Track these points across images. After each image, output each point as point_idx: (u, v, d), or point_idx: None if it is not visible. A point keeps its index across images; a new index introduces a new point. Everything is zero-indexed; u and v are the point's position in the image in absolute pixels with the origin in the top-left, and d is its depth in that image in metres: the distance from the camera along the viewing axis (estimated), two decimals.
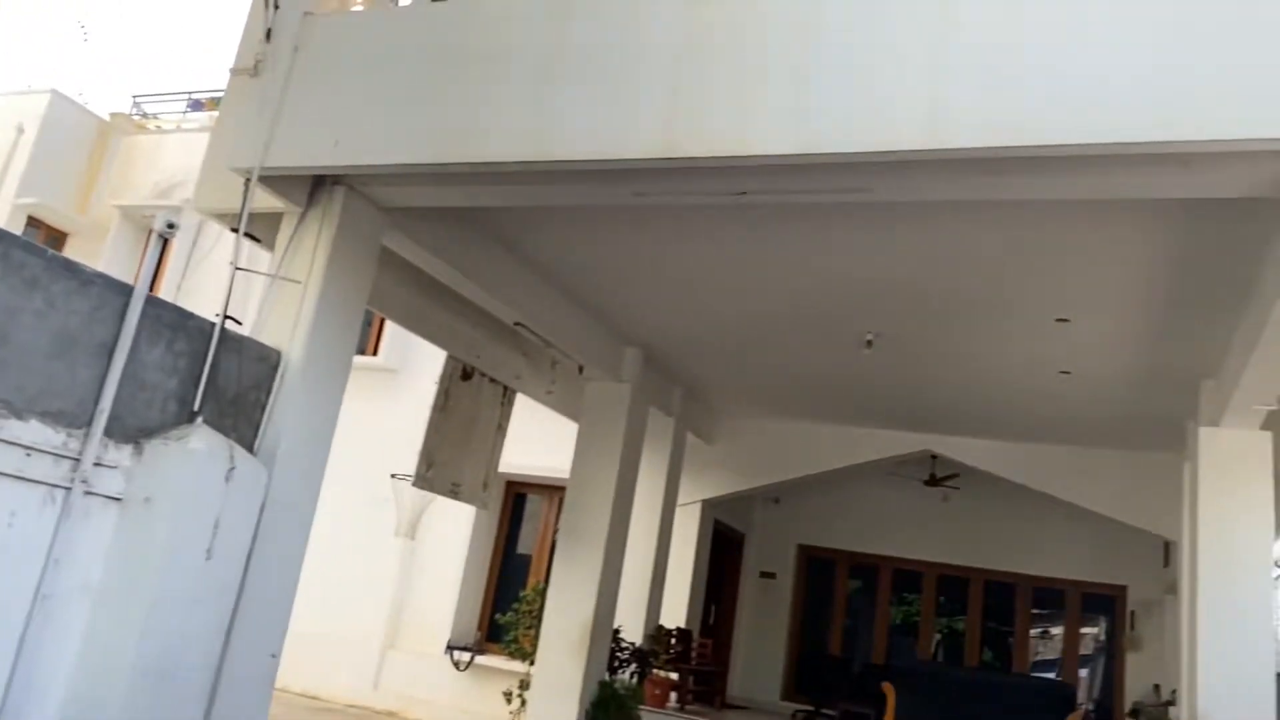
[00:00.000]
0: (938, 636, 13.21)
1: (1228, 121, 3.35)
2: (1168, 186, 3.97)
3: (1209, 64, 3.40)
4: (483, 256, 6.59)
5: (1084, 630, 12.52)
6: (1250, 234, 4.95)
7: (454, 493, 8.23)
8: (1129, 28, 3.52)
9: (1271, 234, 4.82)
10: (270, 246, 5.33)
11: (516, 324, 7.46)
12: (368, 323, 11.85)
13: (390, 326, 12.03)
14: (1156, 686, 10.25)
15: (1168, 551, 10.41)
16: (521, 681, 8.98)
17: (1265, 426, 6.77)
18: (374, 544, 11.63)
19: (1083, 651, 12.39)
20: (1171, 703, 8.97)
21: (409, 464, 8.14)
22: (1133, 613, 11.40)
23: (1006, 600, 12.66)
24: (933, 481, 11.66)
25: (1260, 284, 5.26)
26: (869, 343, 7.56)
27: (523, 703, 8.64)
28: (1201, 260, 5.52)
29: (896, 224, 5.60)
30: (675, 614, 10.55)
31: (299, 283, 4.91)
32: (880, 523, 12.78)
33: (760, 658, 12.89)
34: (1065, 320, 6.69)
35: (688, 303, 7.61)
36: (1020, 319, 6.89)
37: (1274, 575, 7.09)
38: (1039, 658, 12.71)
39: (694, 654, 10.56)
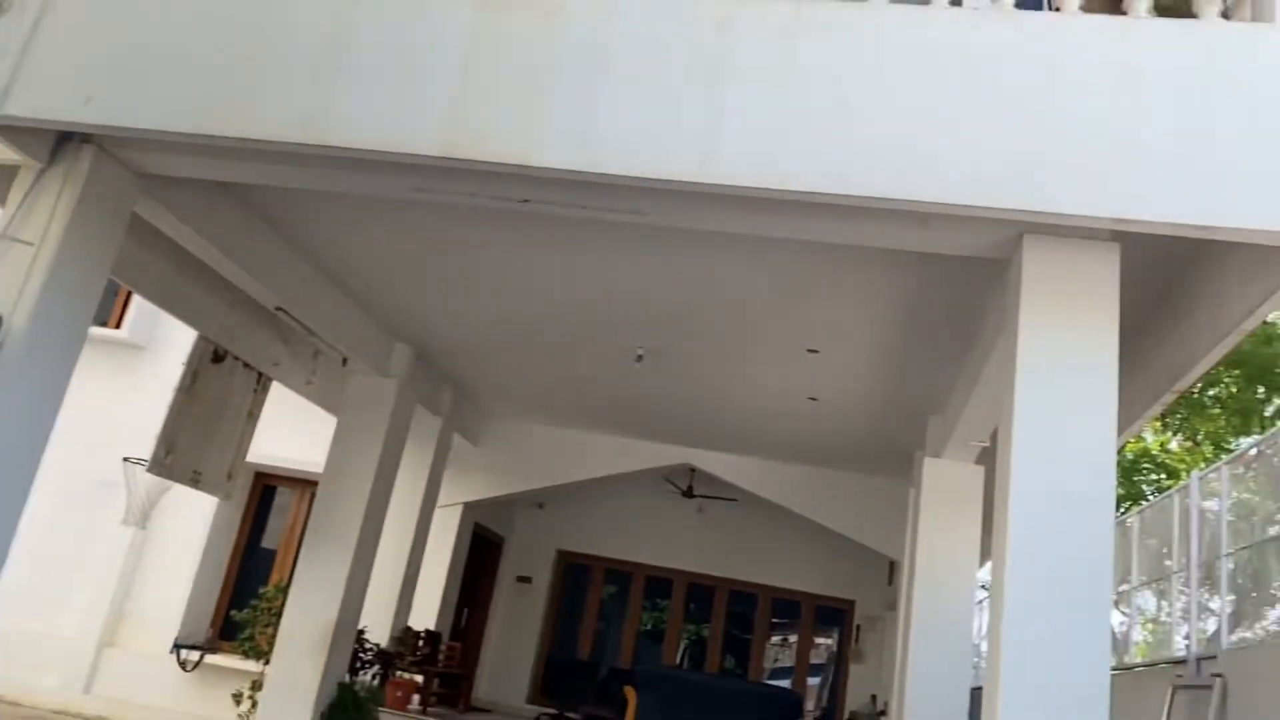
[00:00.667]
0: (685, 643, 13.74)
1: (959, 190, 3.74)
2: (908, 240, 4.38)
3: (949, 139, 3.78)
4: (246, 235, 6.23)
5: (820, 641, 13.41)
6: (975, 290, 5.51)
7: (194, 481, 7.70)
8: (885, 100, 3.87)
9: (991, 291, 5.39)
10: (1, 202, 4.82)
11: (277, 309, 7.11)
12: (113, 293, 10.89)
13: (139, 299, 11.11)
14: (874, 697, 11.16)
15: (892, 570, 11.36)
16: (254, 682, 8.52)
17: (979, 461, 7.54)
18: (97, 532, 10.66)
19: (816, 661, 13.28)
20: (884, 712, 9.79)
21: (148, 448, 7.54)
22: (858, 626, 12.36)
23: (749, 609, 13.37)
24: (690, 493, 12.14)
25: (980, 335, 5.86)
26: (639, 357, 7.78)
27: (253, 704, 8.20)
28: (934, 308, 6.09)
29: (670, 248, 5.81)
30: (426, 616, 10.38)
31: (31, 245, 4.47)
32: (638, 531, 13.16)
33: (510, 661, 12.91)
34: (815, 351, 7.18)
35: (464, 303, 7.54)
36: (776, 347, 7.32)
37: (977, 598, 7.90)
38: (777, 665, 13.49)
39: (441, 656, 10.43)
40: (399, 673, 9.15)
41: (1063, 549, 3.60)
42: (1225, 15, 4.09)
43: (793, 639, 13.53)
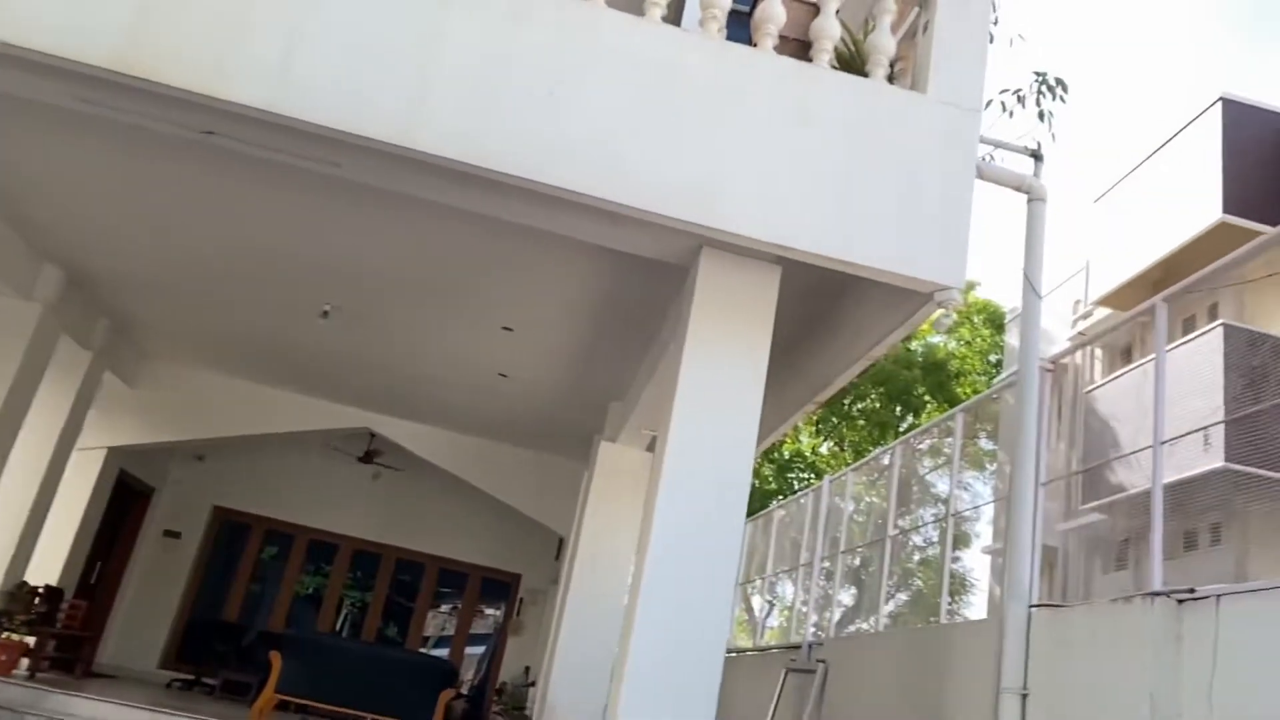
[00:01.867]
0: (346, 610, 13.39)
1: (647, 196, 3.98)
2: (601, 236, 4.59)
3: (644, 147, 4.01)
4: None
5: (488, 612, 13.58)
6: (662, 290, 5.85)
7: None
8: (591, 100, 4.03)
9: (673, 294, 5.75)
10: None
11: None
12: None
13: None
14: (527, 669, 11.50)
15: (561, 547, 11.77)
16: None
17: (650, 449, 8.00)
18: None
19: (482, 631, 13.44)
20: (534, 683, 10.13)
21: None
22: (521, 599, 12.67)
23: (416, 578, 13.29)
24: (367, 458, 11.84)
25: (660, 332, 6.24)
26: (325, 314, 7.49)
27: None
28: (625, 302, 6.39)
29: (373, 207, 5.65)
30: (49, 570, 9.36)
31: None
32: (307, 493, 12.64)
33: (145, 623, 11.92)
34: (510, 329, 7.28)
35: (130, 230, 6.87)
36: (472, 320, 7.34)
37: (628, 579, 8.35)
38: (443, 634, 13.51)
39: (62, 615, 9.44)
40: (6, 633, 8.17)
41: (699, 536, 3.95)
42: (891, 80, 4.66)
43: (458, 609, 13.63)
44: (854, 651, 7.03)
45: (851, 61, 4.94)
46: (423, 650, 12.94)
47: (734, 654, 10.54)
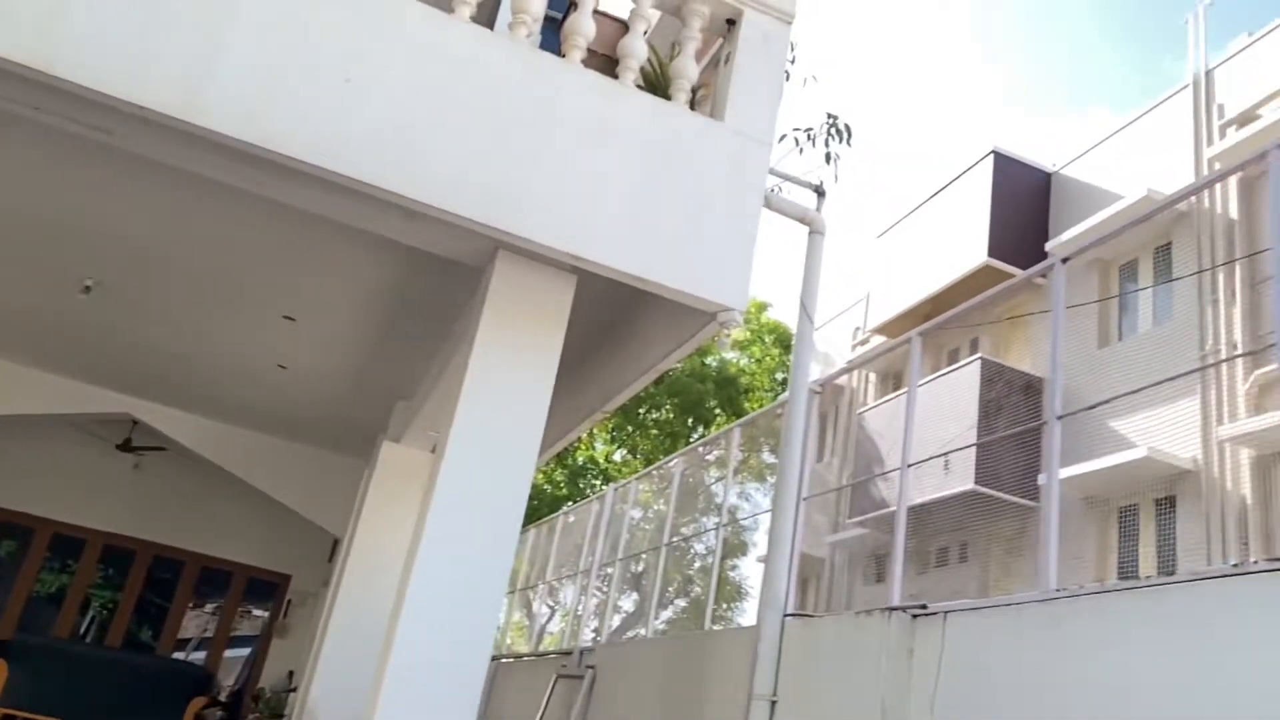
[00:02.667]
0: (94, 610, 12.33)
1: (442, 194, 3.92)
2: (395, 230, 4.48)
3: (443, 144, 3.95)
4: None
5: (256, 613, 12.85)
6: (455, 290, 5.78)
7: None
8: (391, 91, 3.93)
9: (468, 295, 5.69)
10: None
11: None
12: None
13: None
14: (290, 673, 10.99)
15: (335, 548, 11.34)
16: None
17: (434, 450, 7.86)
18: None
19: (248, 634, 12.71)
20: (294, 689, 9.70)
21: None
22: (289, 601, 12.10)
23: (175, 577, 12.42)
24: (127, 447, 10.98)
25: (452, 334, 6.15)
26: (87, 289, 6.91)
27: None
28: (418, 300, 6.26)
29: (150, 180, 5.26)
30: None
31: None
32: (53, 482, 11.55)
33: None
34: (292, 319, 6.96)
35: None
36: (252, 307, 6.97)
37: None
38: (205, 636, 12.68)
39: None
40: None
41: (472, 542, 3.92)
42: (691, 105, 4.82)
43: (225, 610, 12.85)
44: (624, 658, 7.18)
45: (656, 83, 5.09)
46: (176, 655, 12.10)
47: (510, 659, 10.52)
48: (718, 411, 23.00)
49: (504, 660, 10.91)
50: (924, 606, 3.67)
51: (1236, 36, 12.85)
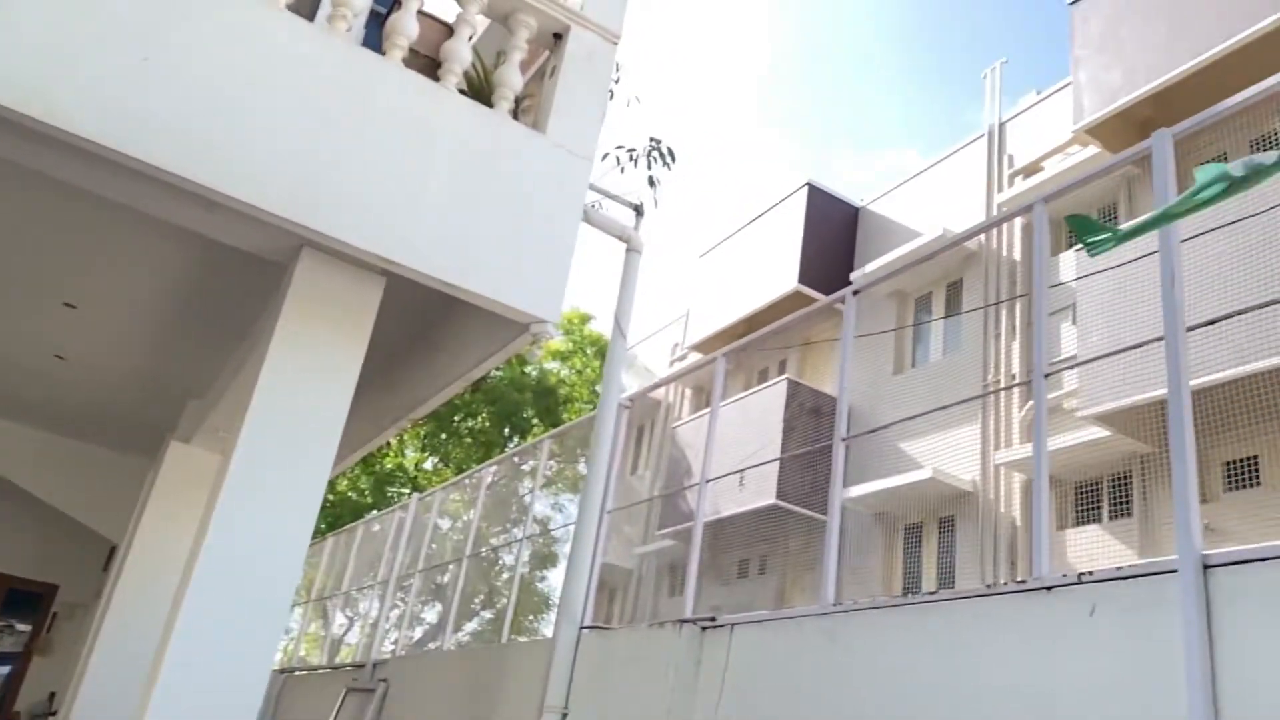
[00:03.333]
0: None
1: (245, 186, 3.74)
2: (192, 220, 4.24)
3: (250, 136, 3.77)
4: None
5: (20, 628, 11.70)
6: (257, 286, 5.51)
7: None
8: (196, 74, 3.72)
9: (272, 291, 5.44)
10: None
11: None
12: None
13: None
14: (52, 695, 10.09)
15: (111, 556, 10.53)
16: None
17: (215, 449, 7.45)
18: None
19: (5, 650, 11.54)
20: (54, 712, 8.92)
21: None
22: (55, 614, 11.12)
23: None
24: None
25: (254, 331, 5.86)
26: None
27: None
28: (217, 294, 5.93)
29: None
30: None
31: None
32: None
33: None
34: (73, 306, 6.45)
35: None
36: (26, 290, 6.40)
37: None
38: None
39: None
40: None
41: (257, 550, 3.74)
42: (515, 115, 4.81)
43: None
44: (419, 670, 7.01)
45: (480, 90, 5.05)
46: None
47: (302, 672, 10.08)
48: (535, 421, 22.94)
49: (296, 673, 10.44)
50: (713, 619, 3.79)
51: (1027, 94, 14.04)
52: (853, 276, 14.98)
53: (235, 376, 5.90)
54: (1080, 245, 3.48)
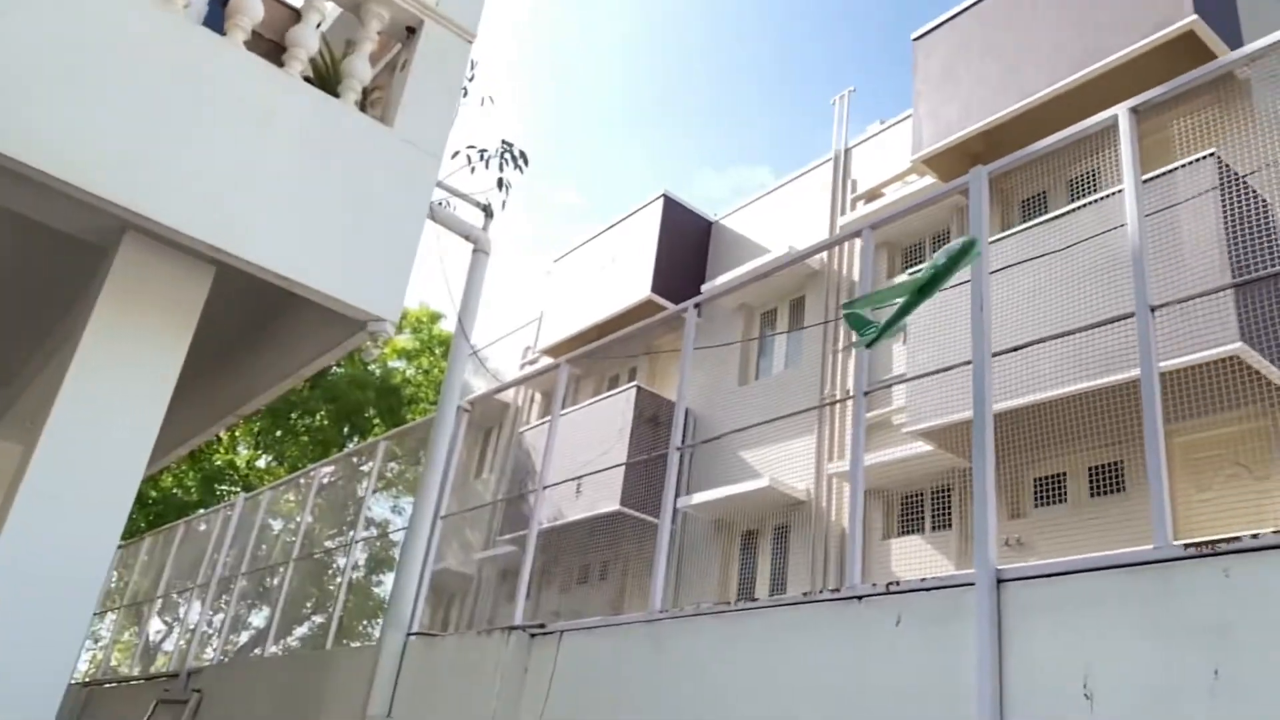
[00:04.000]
0: None
1: (58, 161, 3.51)
2: (3, 197, 3.93)
3: (69, 112, 3.54)
4: None
5: None
6: (79, 270, 5.16)
7: None
8: (9, 40, 3.45)
9: (95, 274, 5.11)
10: None
11: None
12: None
13: None
14: None
15: None
16: None
17: (20, 441, 6.92)
18: None
19: None
20: None
21: None
22: None
23: None
24: None
25: (70, 317, 5.48)
26: None
27: None
28: (32, 276, 5.51)
29: None
30: None
31: None
32: None
33: None
34: None
35: None
36: None
37: None
38: None
39: None
40: None
41: (59, 551, 3.50)
42: (363, 108, 4.69)
43: None
44: (237, 679, 6.71)
45: (327, 79, 4.89)
46: None
47: (112, 684, 9.46)
48: (376, 421, 22.34)
49: (104, 686, 9.78)
50: (542, 626, 3.79)
51: (873, 122, 14.70)
52: (704, 288, 15.29)
53: (47, 364, 5.49)
54: (865, 314, 3.69)
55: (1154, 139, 6.83)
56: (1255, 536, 2.53)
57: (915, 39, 12.52)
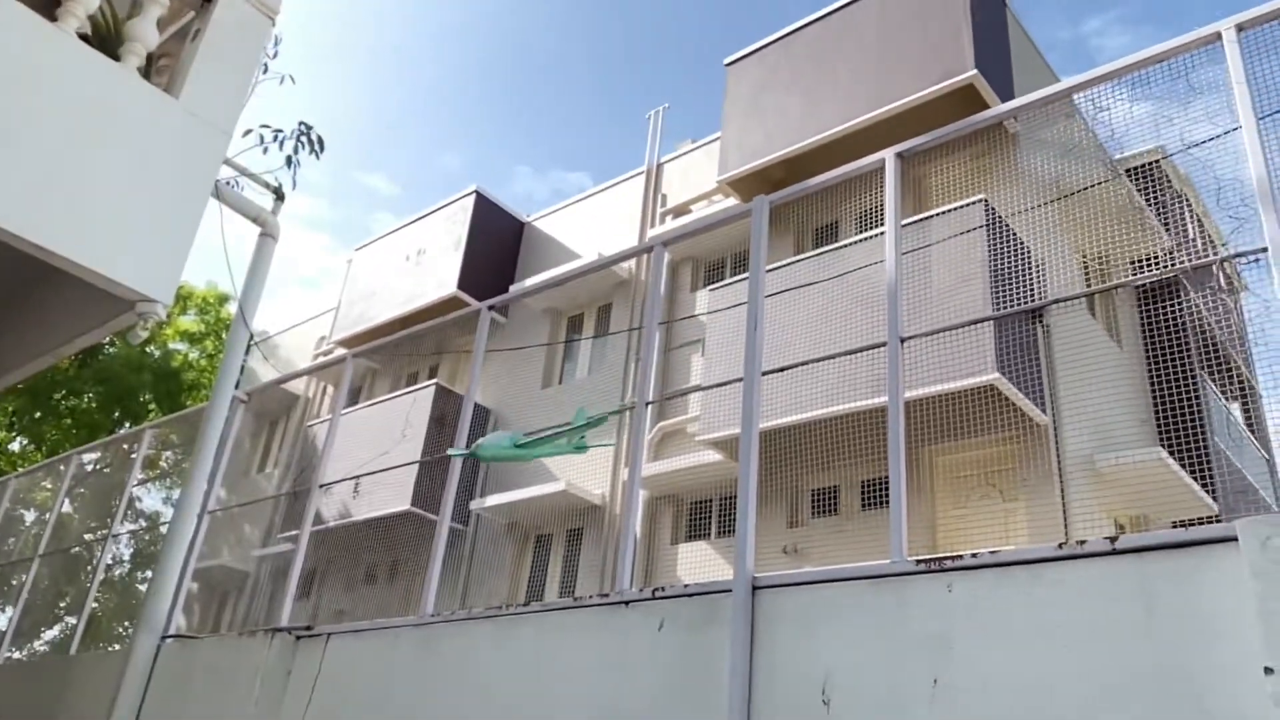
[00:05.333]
0: None
1: None
2: None
3: None
4: None
5: None
6: None
7: None
8: None
9: None
10: None
11: None
12: None
13: None
14: None
15: None
16: None
17: None
18: None
19: None
20: None
21: None
22: None
23: None
24: None
25: None
26: None
27: None
28: None
29: None
30: None
31: None
32: None
33: None
34: None
35: None
36: None
37: None
38: None
39: None
40: None
41: None
42: (146, 75, 4.40)
43: None
44: None
45: (107, 40, 4.55)
46: None
47: None
48: (152, 407, 20.86)
49: None
50: (308, 628, 3.67)
51: (684, 140, 15.10)
52: (512, 288, 15.21)
53: None
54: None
55: (944, 178, 7.41)
56: (975, 555, 2.79)
57: (728, 64, 12.99)
